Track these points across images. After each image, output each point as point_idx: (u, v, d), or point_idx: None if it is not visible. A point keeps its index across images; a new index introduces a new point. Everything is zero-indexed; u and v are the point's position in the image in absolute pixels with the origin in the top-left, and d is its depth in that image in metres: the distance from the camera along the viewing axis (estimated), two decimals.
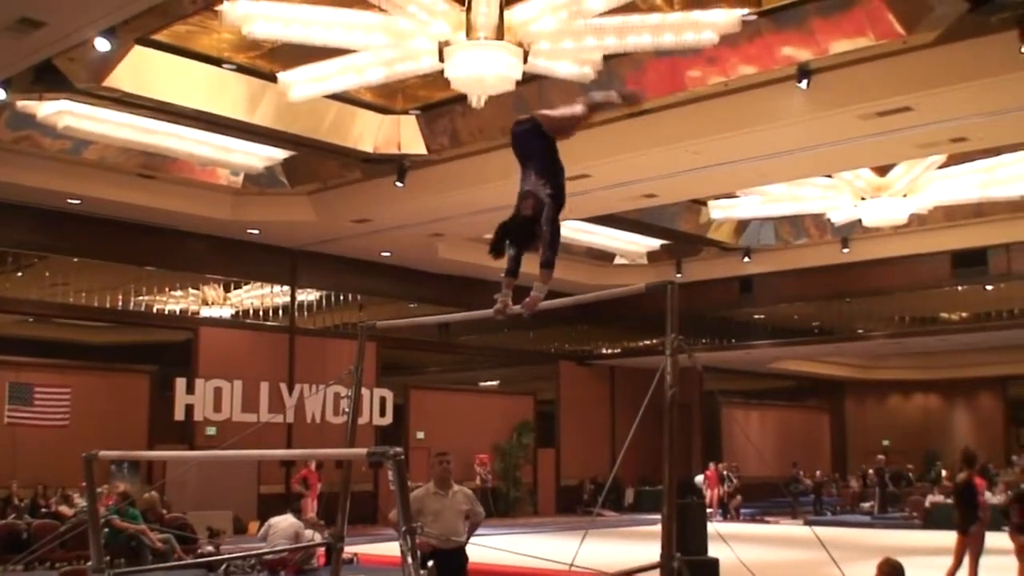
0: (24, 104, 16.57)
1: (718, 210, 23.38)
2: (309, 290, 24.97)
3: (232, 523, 20.94)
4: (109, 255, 21.34)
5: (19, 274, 20.98)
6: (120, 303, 21.81)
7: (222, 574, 13.63)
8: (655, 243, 26.77)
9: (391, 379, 25.54)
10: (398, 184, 18.87)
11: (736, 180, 19.73)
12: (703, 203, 23.27)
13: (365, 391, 22.38)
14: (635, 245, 26.77)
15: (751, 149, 16.71)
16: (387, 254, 24.31)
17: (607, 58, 14.36)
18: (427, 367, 29.34)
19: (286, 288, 24.42)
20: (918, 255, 24.85)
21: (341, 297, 25.53)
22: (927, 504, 24.32)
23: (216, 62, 16.04)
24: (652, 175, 18.16)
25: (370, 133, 18.12)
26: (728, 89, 15.50)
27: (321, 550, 13.50)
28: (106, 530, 12.50)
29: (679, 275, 26.36)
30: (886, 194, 20.79)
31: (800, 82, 14.52)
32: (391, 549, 14.21)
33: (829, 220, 23.25)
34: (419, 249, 23.67)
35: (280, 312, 24.45)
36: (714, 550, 11.81)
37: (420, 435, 25.51)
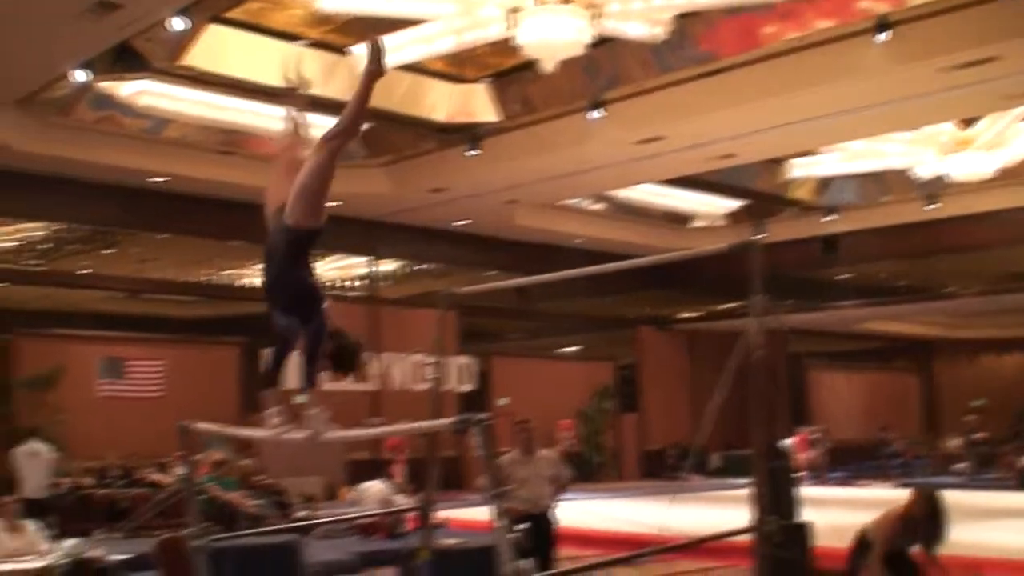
0: (105, 84, 16.89)
1: (798, 168, 23.05)
2: (388, 260, 25.18)
3: (324, 489, 21.28)
4: (194, 231, 21.72)
5: (109, 251, 21.45)
6: (207, 277, 22.22)
7: (316, 538, 13.86)
8: (734, 204, 26.50)
9: (472, 347, 25.68)
10: (472, 153, 18.92)
11: (815, 137, 19.44)
12: (783, 161, 22.97)
13: (447, 359, 22.54)
14: (713, 207, 26.52)
15: (830, 105, 16.45)
16: (464, 222, 24.40)
17: (679, 17, 14.23)
18: (508, 334, 29.46)
19: (366, 259, 24.67)
20: (1008, 209, 24.15)
21: (421, 266, 25.71)
22: (1021, 464, 23.90)
23: (289, 38, 16.20)
24: (729, 135, 17.97)
25: (443, 103, 18.18)
26: (804, 44, 15.26)
27: (411, 515, 13.67)
28: (203, 497, 12.77)
29: (759, 237, 26.02)
30: (971, 148, 20.34)
31: (879, 35, 14.26)
32: (479, 514, 14.33)
33: (914, 176, 22.82)
34: (495, 216, 23.71)
35: (361, 283, 24.72)
36: (805, 514, 11.75)
37: (503, 401, 25.62)
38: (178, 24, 13.50)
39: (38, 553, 8.58)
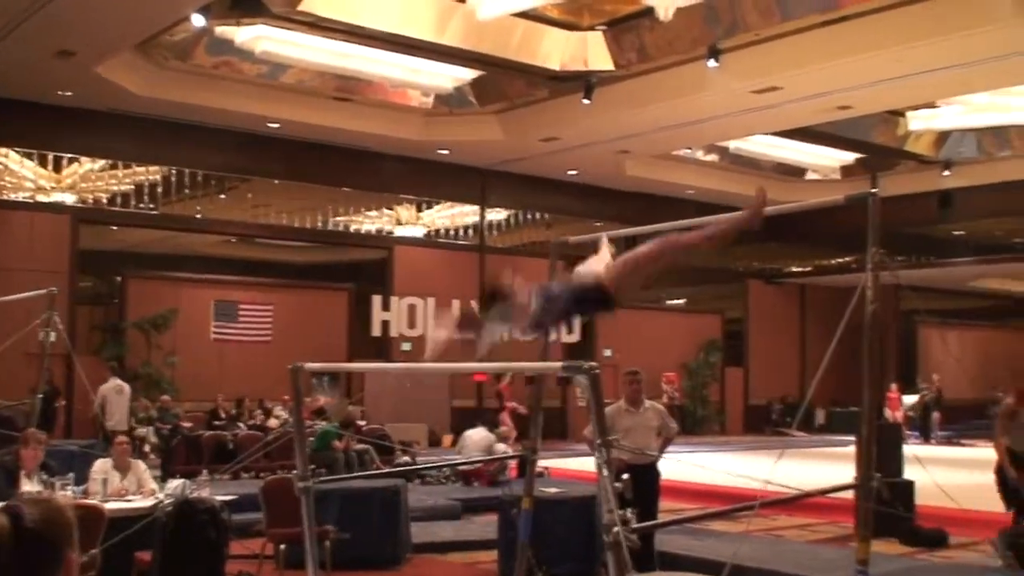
0: (222, 30, 17.12)
1: (917, 121, 22.45)
2: (498, 209, 25.26)
3: (427, 436, 21.58)
4: (307, 177, 22.04)
5: (222, 196, 21.88)
6: (319, 223, 22.56)
7: (419, 484, 14.06)
8: (849, 157, 25.95)
9: None
10: (585, 101, 18.79)
11: (938, 89, 18.89)
12: (901, 114, 22.38)
13: None
14: (827, 159, 26.00)
15: (954, 56, 15.95)
16: (574, 172, 24.32)
17: None
18: None
19: (476, 207, 24.79)
20: None
21: (529, 216, 25.74)
22: None
23: None
24: (848, 85, 17.55)
25: (557, 50, 18.08)
26: None
27: (513, 463, 13.77)
28: (311, 440, 13.01)
29: (876, 190, 25.45)
30: None
31: None
32: (580, 464, 14.40)
33: None
34: (606, 167, 23.59)
35: (470, 231, 24.86)
36: (909, 472, 11.59)
37: (608, 353, 25.60)
38: None
39: (145, 492, 8.79)
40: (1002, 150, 24.19)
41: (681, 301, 30.50)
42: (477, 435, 14.96)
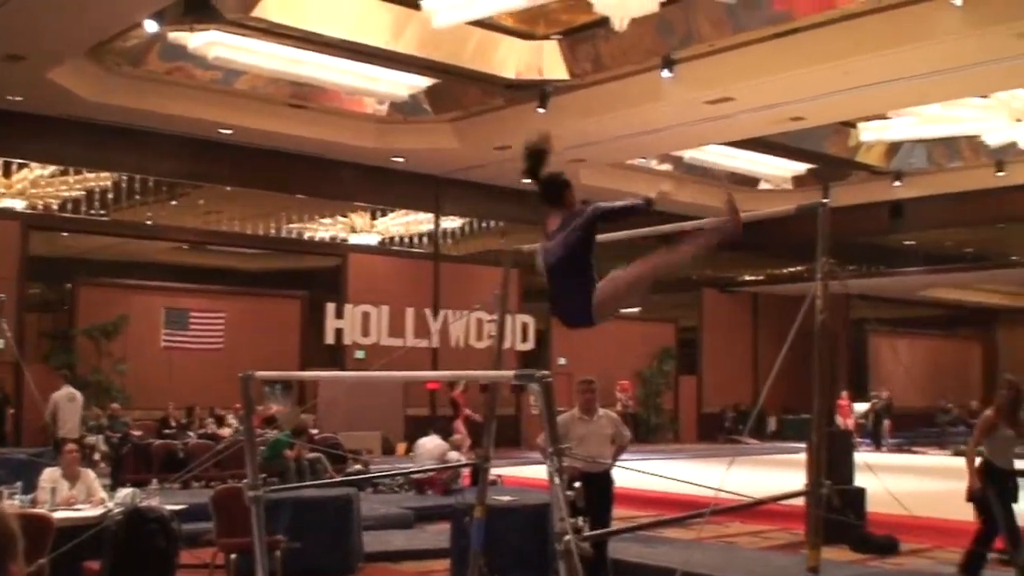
0: (176, 36, 16.98)
1: (869, 132, 22.67)
2: (452, 217, 25.22)
3: (381, 444, 21.50)
4: (261, 184, 21.91)
5: (174, 203, 21.68)
6: (272, 230, 22.43)
7: (371, 492, 13.99)
8: (801, 167, 26.16)
9: (533, 305, 25.68)
10: (540, 110, 18.82)
11: (888, 101, 19.12)
12: (853, 125, 22.61)
13: (508, 317, 22.53)
14: (780, 169, 26.19)
15: (904, 69, 16.15)
16: (529, 181, 24.32)
17: None
18: None
19: (430, 215, 24.74)
20: None
21: (483, 224, 25.72)
22: None
23: None
24: (800, 97, 17.72)
25: (512, 59, 18.10)
26: (880, 6, 14.99)
27: (467, 471, 13.73)
28: (262, 448, 12.90)
29: (826, 200, 25.69)
30: None
31: None
32: (534, 472, 14.39)
33: (984, 142, 22.36)
34: None
35: (424, 239, 24.81)
36: (861, 480, 11.69)
37: (562, 361, 25.61)
38: None
39: (94, 501, 8.68)
40: (952, 161, 24.49)
41: (635, 309, 30.56)
42: (430, 443, 14.92)
